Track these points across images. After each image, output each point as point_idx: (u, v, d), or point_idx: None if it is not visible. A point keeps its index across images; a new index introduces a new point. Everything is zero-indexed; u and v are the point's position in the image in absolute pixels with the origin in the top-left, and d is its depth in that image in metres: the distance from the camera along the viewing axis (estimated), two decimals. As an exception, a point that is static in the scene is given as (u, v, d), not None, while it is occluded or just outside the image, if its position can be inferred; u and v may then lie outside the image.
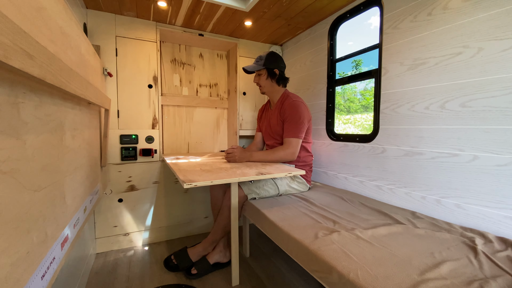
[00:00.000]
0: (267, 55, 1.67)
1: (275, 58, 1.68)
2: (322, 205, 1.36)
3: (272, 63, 1.67)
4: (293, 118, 1.58)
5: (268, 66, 1.67)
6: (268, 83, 1.71)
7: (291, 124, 1.59)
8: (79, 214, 0.87)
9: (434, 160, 1.21)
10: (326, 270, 0.85)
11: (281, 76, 1.71)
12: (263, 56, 1.68)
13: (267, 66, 1.67)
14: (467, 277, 0.74)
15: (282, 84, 1.73)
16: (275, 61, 1.68)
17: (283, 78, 1.72)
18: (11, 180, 0.44)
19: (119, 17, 1.74)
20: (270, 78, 1.70)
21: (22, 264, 0.47)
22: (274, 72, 1.68)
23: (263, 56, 1.68)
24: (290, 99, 1.64)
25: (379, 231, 1.03)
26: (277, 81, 1.71)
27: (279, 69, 1.69)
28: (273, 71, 1.68)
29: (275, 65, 1.67)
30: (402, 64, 1.34)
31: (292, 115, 1.58)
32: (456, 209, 1.14)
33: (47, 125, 0.61)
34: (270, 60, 1.67)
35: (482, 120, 1.05)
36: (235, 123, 2.23)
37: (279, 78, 1.70)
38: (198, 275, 1.45)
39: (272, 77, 1.70)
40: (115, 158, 1.75)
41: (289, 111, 1.60)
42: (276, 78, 1.70)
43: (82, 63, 0.97)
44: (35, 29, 0.53)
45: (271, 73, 1.69)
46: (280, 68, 1.69)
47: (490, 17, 1.02)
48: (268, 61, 1.67)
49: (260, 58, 1.69)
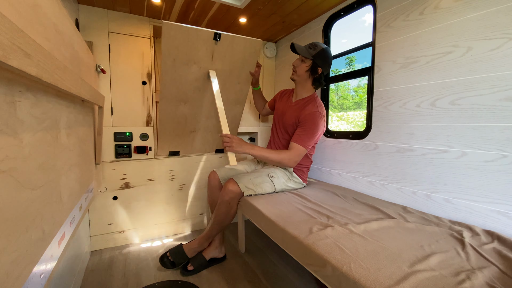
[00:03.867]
0: (322, 49, 1.53)
1: (326, 57, 1.54)
2: (317, 201, 1.38)
3: (321, 59, 1.53)
4: (310, 128, 1.48)
5: (316, 60, 1.53)
6: (304, 76, 1.58)
7: (306, 133, 1.48)
8: (75, 212, 0.87)
9: (424, 157, 1.25)
10: (320, 263, 0.87)
11: (320, 77, 1.58)
12: (318, 47, 1.53)
13: (315, 59, 1.53)
14: (454, 268, 0.78)
15: (315, 86, 1.62)
16: (326, 60, 1.54)
17: (320, 81, 1.60)
18: (10, 179, 0.44)
19: (112, 12, 1.71)
20: (310, 72, 1.57)
21: (21, 261, 0.47)
22: (317, 70, 1.55)
23: (318, 46, 1.53)
24: (315, 107, 1.52)
25: (371, 225, 1.06)
26: (314, 80, 1.59)
27: (323, 70, 1.56)
28: (317, 68, 1.55)
29: (322, 64, 1.54)
30: (394, 62, 1.37)
31: (310, 124, 1.49)
32: (445, 204, 1.18)
33: (42, 123, 0.61)
34: (322, 55, 1.53)
35: (471, 117, 1.08)
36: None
37: (318, 78, 1.58)
38: (194, 271, 1.47)
39: (312, 73, 1.57)
40: (110, 156, 1.74)
41: (310, 120, 1.49)
42: (315, 77, 1.58)
43: (76, 60, 0.96)
44: (30, 27, 0.53)
45: (314, 68, 1.55)
46: (324, 70, 1.56)
47: (479, 17, 1.04)
48: (319, 55, 1.52)
49: (315, 47, 1.54)
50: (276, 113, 1.78)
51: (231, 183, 1.46)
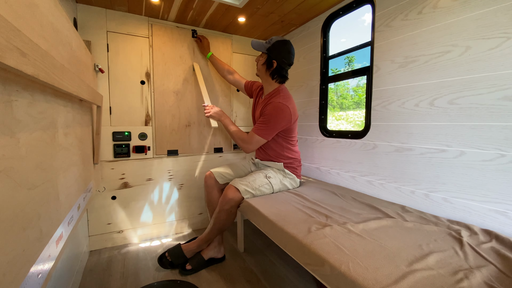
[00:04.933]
0: (277, 41, 1.51)
1: (281, 49, 1.51)
2: (315, 200, 1.38)
3: (274, 52, 1.51)
4: (268, 118, 1.50)
5: (270, 53, 1.52)
6: (262, 69, 1.60)
7: (264, 122, 1.51)
8: (73, 212, 0.87)
9: (423, 156, 1.25)
10: (319, 263, 0.87)
11: (278, 70, 1.55)
12: (273, 40, 1.52)
13: (269, 53, 1.53)
14: (452, 267, 0.78)
15: (277, 80, 1.59)
16: (280, 52, 1.51)
17: (280, 74, 1.56)
18: (6, 178, 0.44)
19: (110, 11, 1.70)
20: (266, 66, 1.57)
21: (19, 261, 0.47)
22: (271, 63, 1.53)
23: (273, 39, 1.52)
24: (278, 98, 1.51)
25: (370, 224, 1.06)
26: (272, 74, 1.57)
27: (279, 63, 1.52)
28: (272, 61, 1.53)
29: (277, 56, 1.51)
30: (393, 61, 1.37)
31: (268, 115, 1.50)
32: (444, 203, 1.18)
33: (40, 122, 0.61)
34: (275, 47, 1.51)
35: (469, 117, 1.08)
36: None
37: (275, 71, 1.55)
38: (192, 270, 1.47)
39: (268, 67, 1.56)
40: (108, 155, 1.73)
41: (269, 111, 1.50)
42: (272, 70, 1.56)
43: (74, 59, 0.96)
44: (27, 26, 0.52)
45: (269, 62, 1.54)
46: (280, 62, 1.52)
47: (478, 16, 1.04)
48: (273, 48, 1.51)
49: (270, 40, 1.53)
50: (252, 110, 1.85)
51: (231, 190, 1.45)
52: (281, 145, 1.62)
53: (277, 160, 1.64)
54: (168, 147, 1.93)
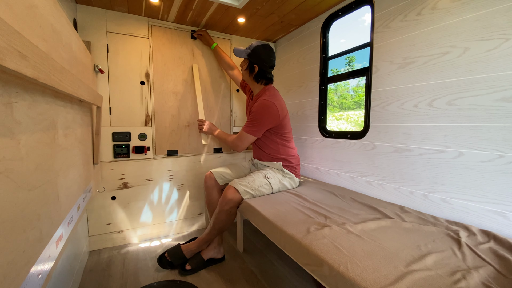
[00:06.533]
0: (256, 46, 1.57)
1: (260, 53, 1.57)
2: (314, 201, 1.39)
3: (255, 57, 1.58)
4: (256, 116, 1.55)
5: (250, 58, 1.59)
6: (246, 74, 1.67)
7: (251, 120, 1.57)
8: (72, 212, 0.87)
9: (421, 157, 1.25)
10: (318, 263, 0.88)
11: (260, 73, 1.61)
12: (253, 46, 1.58)
13: (250, 58, 1.59)
14: (450, 268, 0.78)
15: (261, 82, 1.64)
16: (259, 57, 1.57)
17: (263, 76, 1.62)
18: (6, 179, 0.44)
19: (110, 12, 1.71)
20: (249, 71, 1.64)
21: (19, 262, 0.47)
22: (253, 67, 1.60)
23: (253, 45, 1.58)
24: (265, 96, 1.57)
25: (368, 225, 1.06)
26: (255, 78, 1.63)
27: (260, 66, 1.58)
28: (253, 65, 1.59)
29: (257, 61, 1.58)
30: (392, 62, 1.37)
31: (256, 113, 1.55)
32: (442, 204, 1.18)
33: (40, 124, 0.61)
34: (255, 52, 1.57)
35: (468, 118, 1.09)
36: (229, 120, 2.23)
37: (258, 75, 1.61)
38: (192, 270, 1.47)
39: (251, 72, 1.62)
40: (108, 156, 1.74)
41: (256, 108, 1.56)
42: (254, 74, 1.62)
43: (73, 60, 0.96)
44: (27, 28, 0.53)
45: (251, 67, 1.61)
46: (261, 66, 1.58)
47: (477, 17, 1.05)
48: (253, 53, 1.57)
49: (250, 46, 1.60)
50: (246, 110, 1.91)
51: (230, 191, 1.46)
52: (276, 142, 1.64)
53: (274, 158, 1.65)
54: (167, 148, 1.93)
